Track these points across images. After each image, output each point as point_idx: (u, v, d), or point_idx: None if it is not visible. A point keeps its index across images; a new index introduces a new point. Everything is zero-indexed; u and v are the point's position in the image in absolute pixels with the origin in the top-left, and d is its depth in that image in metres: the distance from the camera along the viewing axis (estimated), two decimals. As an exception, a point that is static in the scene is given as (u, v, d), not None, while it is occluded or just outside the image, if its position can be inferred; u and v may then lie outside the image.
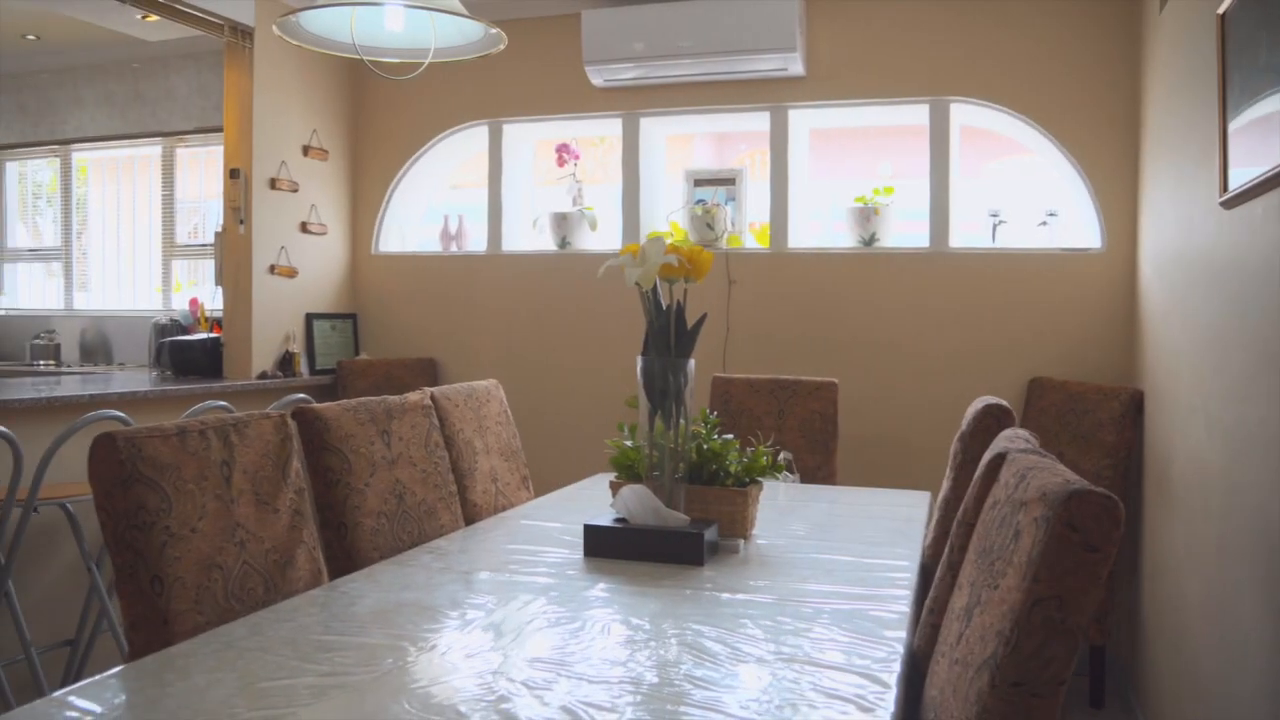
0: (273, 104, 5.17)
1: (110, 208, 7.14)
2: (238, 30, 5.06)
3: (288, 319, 5.27)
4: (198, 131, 6.52)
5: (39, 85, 7.11)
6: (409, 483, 2.74)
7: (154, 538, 1.90)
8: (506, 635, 1.91)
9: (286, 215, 5.26)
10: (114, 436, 1.88)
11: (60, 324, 6.99)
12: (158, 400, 4.30)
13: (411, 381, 5.29)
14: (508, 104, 5.48)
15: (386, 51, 2.66)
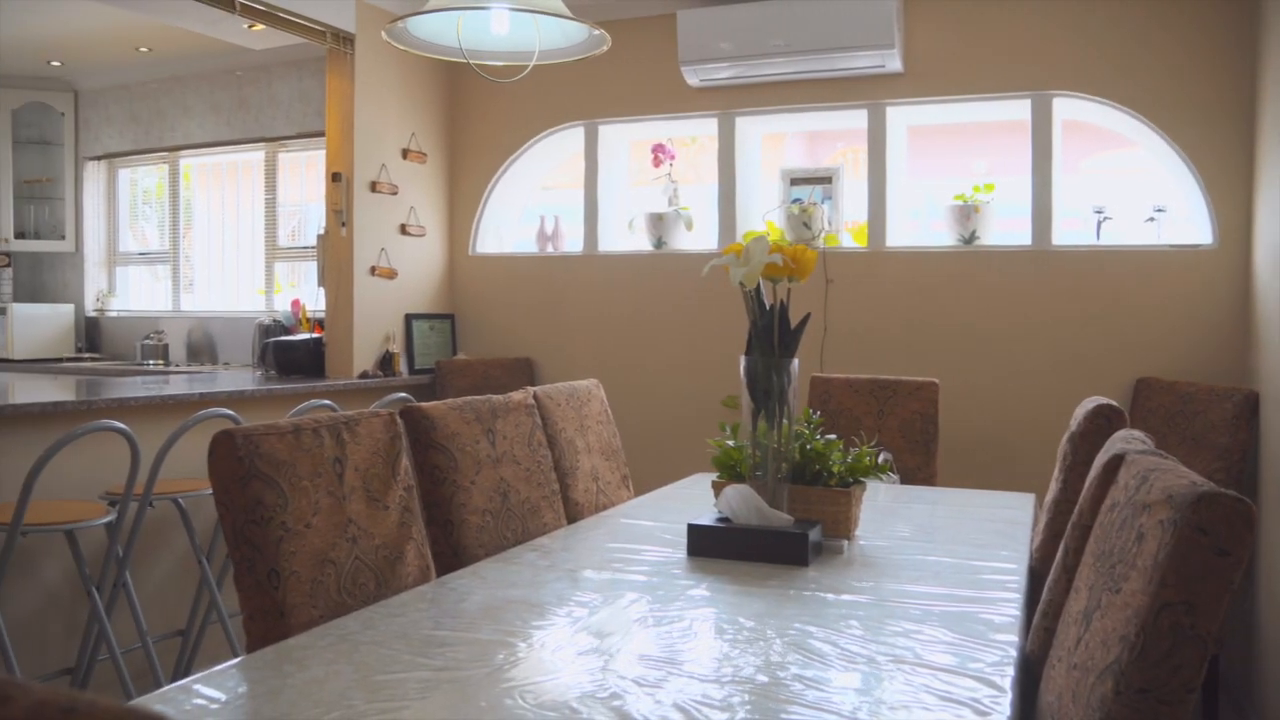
0: (373, 108, 5.26)
1: (215, 212, 7.32)
2: (339, 37, 5.16)
3: (387, 319, 5.36)
4: (299, 136, 6.65)
5: (149, 95, 7.32)
6: (513, 481, 2.77)
7: (271, 533, 1.94)
8: (614, 633, 1.91)
9: (386, 217, 5.35)
10: (232, 434, 1.93)
11: (168, 325, 7.19)
12: (264, 399, 4.40)
13: (508, 381, 5.34)
14: (604, 105, 5.50)
15: (492, 55, 2.69)
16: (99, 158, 7.65)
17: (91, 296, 7.66)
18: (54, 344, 7.32)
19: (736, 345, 4.93)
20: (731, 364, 4.94)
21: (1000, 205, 4.92)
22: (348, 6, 5.14)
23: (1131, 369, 4.52)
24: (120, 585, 3.56)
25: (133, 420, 3.45)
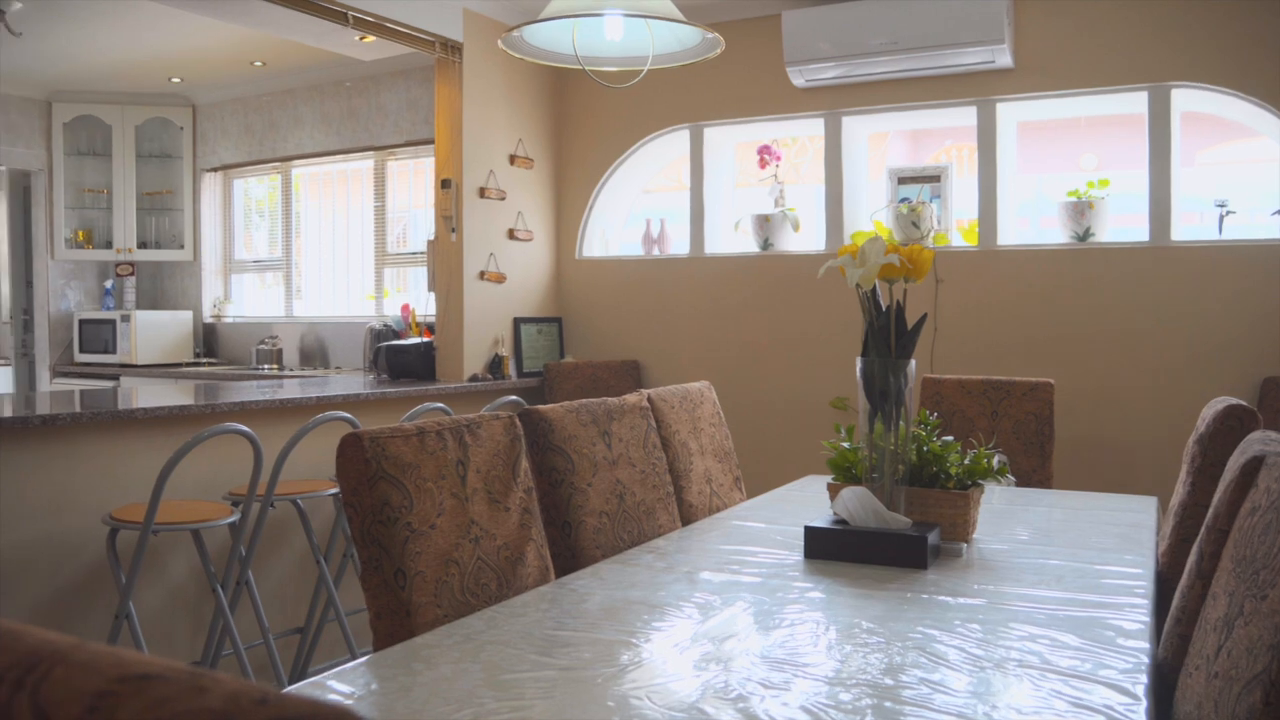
0: (481, 116, 5.33)
1: (326, 219, 7.49)
2: (448, 46, 5.24)
3: (496, 323, 5.43)
4: (407, 144, 6.78)
5: (262, 108, 7.52)
6: (629, 483, 2.79)
7: (397, 533, 1.98)
8: (735, 634, 1.92)
9: (495, 223, 5.42)
10: (360, 437, 1.97)
11: (281, 330, 7.37)
12: (378, 402, 4.49)
13: (616, 384, 5.37)
14: (709, 107, 5.51)
15: (606, 61, 2.72)
16: (215, 169, 7.88)
17: (209, 303, 7.90)
18: (174, 349, 7.57)
19: (844, 346, 4.92)
20: (839, 365, 4.92)
21: (1114, 201, 4.81)
22: (455, 16, 5.22)
23: (1257, 368, 4.38)
24: (243, 583, 3.66)
25: (254, 423, 3.55)
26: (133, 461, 3.66)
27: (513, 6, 5.42)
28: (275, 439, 3.58)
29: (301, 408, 4.10)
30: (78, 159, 7.83)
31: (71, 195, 7.80)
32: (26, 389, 7.97)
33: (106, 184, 7.82)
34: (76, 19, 5.83)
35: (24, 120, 7.62)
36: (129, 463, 3.65)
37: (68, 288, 7.95)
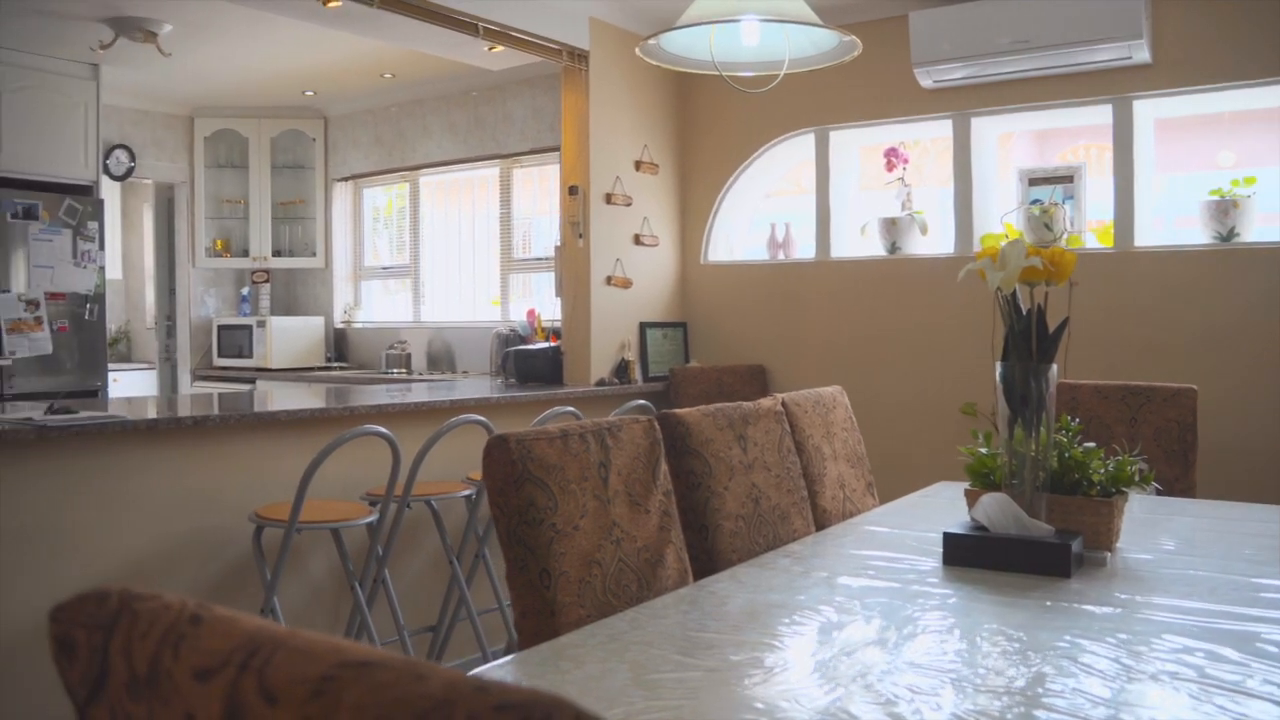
0: (606, 122, 5.39)
1: (451, 226, 7.64)
2: (574, 54, 5.31)
3: (623, 328, 5.48)
4: (532, 152, 6.87)
5: (391, 118, 7.71)
6: (764, 487, 2.79)
7: (542, 534, 2.02)
8: (878, 640, 1.90)
9: (621, 228, 5.47)
10: (506, 439, 2.01)
11: (409, 335, 7.54)
12: (508, 405, 4.57)
13: (741, 388, 5.37)
14: (834, 110, 5.48)
15: (741, 65, 2.73)
16: (345, 179, 8.10)
17: (339, 309, 8.12)
18: (306, 354, 7.80)
19: (973, 351, 4.83)
20: (967, 370, 4.84)
21: (1261, 199, 4.64)
22: (582, 25, 5.29)
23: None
24: (380, 581, 3.75)
25: (390, 425, 3.64)
26: (276, 461, 3.78)
27: (637, 14, 5.47)
28: (410, 441, 3.67)
29: (436, 411, 4.19)
30: (217, 171, 8.13)
31: (211, 206, 8.10)
32: (169, 391, 8.29)
33: (243, 194, 8.10)
34: (219, 39, 6.05)
35: (169, 135, 7.94)
36: (272, 462, 3.78)
37: (207, 295, 8.25)
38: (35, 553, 3.23)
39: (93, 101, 6.66)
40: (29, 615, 3.22)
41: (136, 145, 7.75)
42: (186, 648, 0.75)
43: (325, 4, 4.70)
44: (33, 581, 3.23)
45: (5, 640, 3.18)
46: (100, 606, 0.82)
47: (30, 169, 6.33)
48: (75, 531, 3.32)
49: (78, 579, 3.32)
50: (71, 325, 6.42)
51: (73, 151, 6.56)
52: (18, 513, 3.19)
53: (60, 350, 6.35)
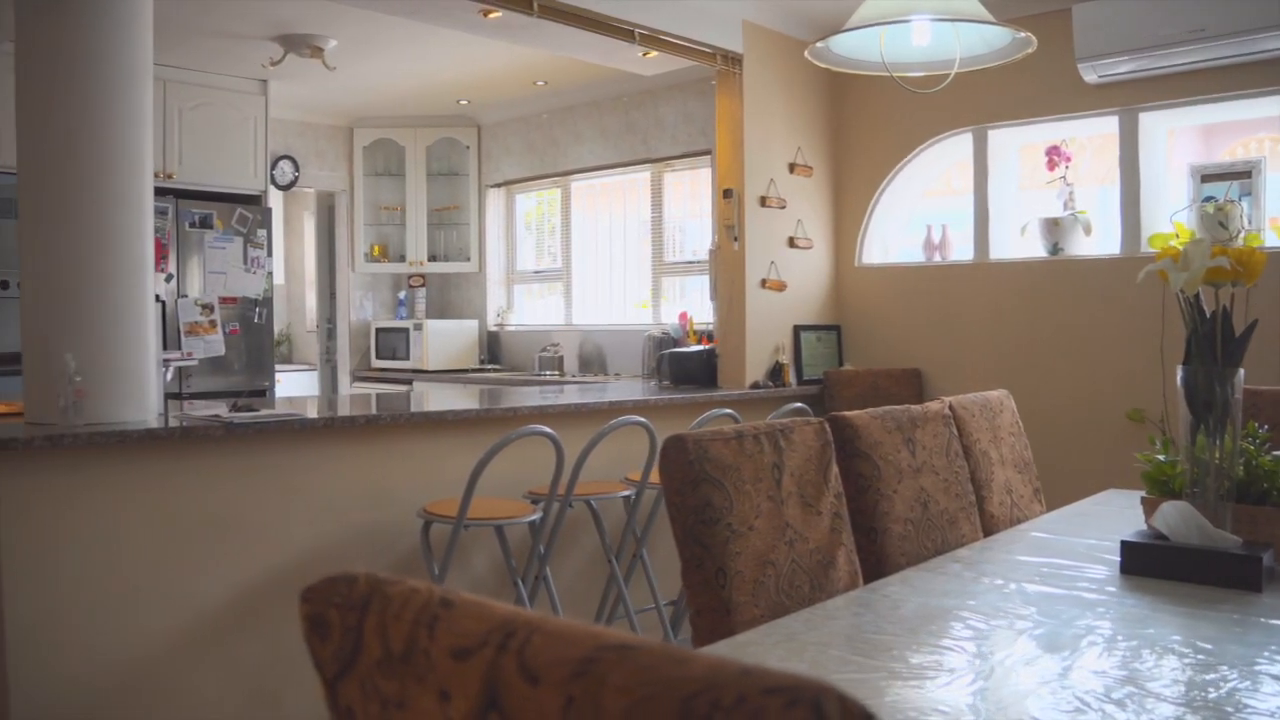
0: (760, 125, 5.39)
1: (603, 231, 7.73)
2: (728, 58, 5.32)
3: (777, 331, 5.47)
4: (684, 156, 6.91)
5: (543, 125, 7.85)
6: (932, 491, 2.76)
7: (718, 533, 2.04)
8: (1061, 648, 1.86)
9: (775, 231, 5.47)
10: (684, 439, 2.04)
11: (561, 337, 7.66)
12: (665, 407, 4.61)
13: (897, 392, 5.31)
14: (993, 109, 5.37)
15: (912, 66, 2.70)
16: (498, 185, 8.27)
17: (493, 312, 8.29)
18: (461, 356, 7.98)
19: (1140, 355, 4.68)
20: (1133, 374, 4.69)
21: None
22: (735, 28, 5.30)
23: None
24: (541, 579, 3.82)
25: (550, 426, 3.70)
26: (442, 460, 3.89)
27: (791, 16, 5.46)
28: (569, 442, 3.72)
29: (595, 412, 4.25)
30: (375, 179, 8.39)
31: (369, 213, 8.36)
32: (329, 391, 8.59)
33: (400, 201, 8.34)
34: (379, 52, 6.24)
35: (330, 146, 8.22)
36: (438, 461, 3.89)
37: (365, 299, 8.52)
38: (221, 540, 3.39)
39: (261, 116, 6.95)
40: (217, 597, 3.38)
41: (300, 156, 8.04)
42: (442, 629, 0.78)
43: (486, 15, 4.81)
44: (220, 567, 3.39)
45: (196, 620, 3.34)
46: (350, 588, 0.86)
47: (205, 181, 6.63)
48: (256, 522, 3.47)
49: (259, 567, 3.47)
50: (242, 328, 6.69)
51: (243, 163, 6.86)
52: (207, 503, 3.35)
53: (231, 351, 6.63)
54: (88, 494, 3.15)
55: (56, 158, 3.29)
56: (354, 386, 8.33)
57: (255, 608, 3.48)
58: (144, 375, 3.41)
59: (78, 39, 3.29)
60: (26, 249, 3.37)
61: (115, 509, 3.20)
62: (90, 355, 3.25)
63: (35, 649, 3.04)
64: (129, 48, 3.37)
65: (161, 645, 3.28)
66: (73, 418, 3.19)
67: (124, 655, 3.21)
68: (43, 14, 3.29)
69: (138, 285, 3.38)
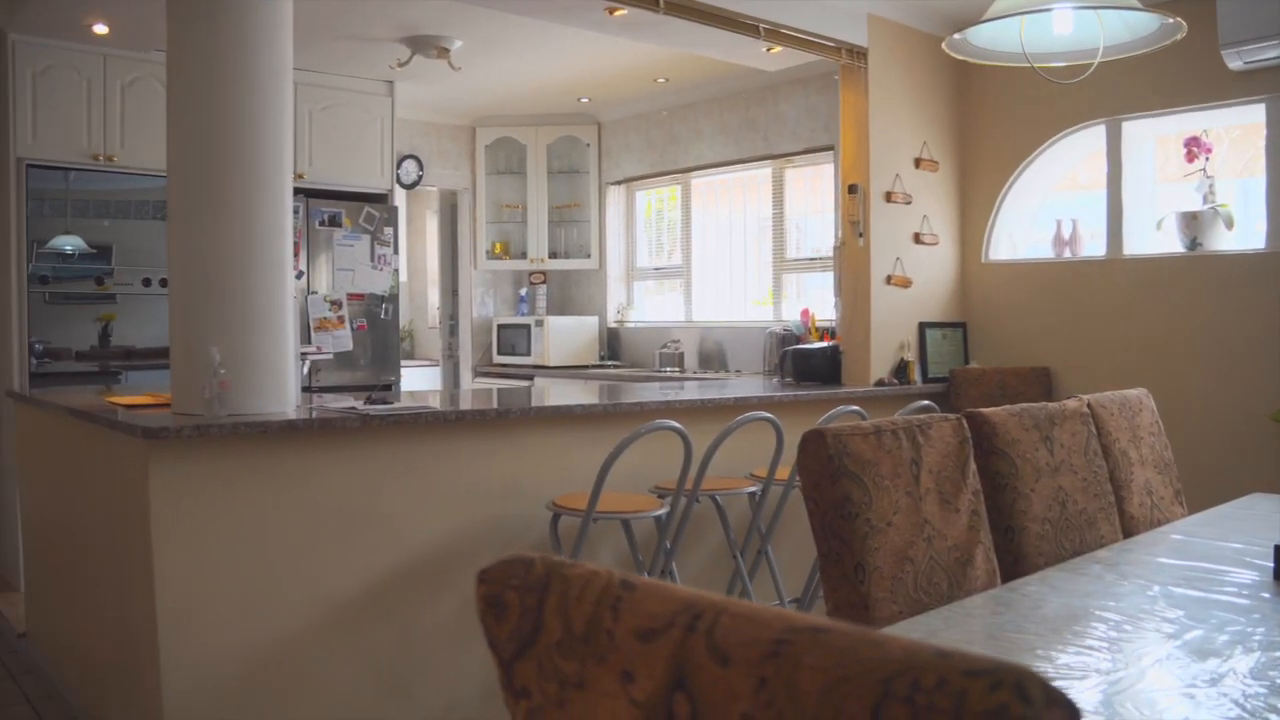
0: (885, 120, 5.33)
1: (723, 228, 7.72)
2: (853, 52, 5.28)
3: (902, 328, 5.40)
4: (805, 152, 6.86)
5: (663, 122, 7.87)
6: (1070, 490, 2.70)
7: (857, 528, 2.02)
8: (1214, 654, 1.81)
9: (900, 227, 5.40)
10: (823, 434, 2.03)
11: (681, 334, 7.68)
12: (791, 404, 4.59)
13: (1025, 391, 5.20)
14: (1127, 99, 5.22)
15: (1053, 56, 2.65)
16: (619, 182, 8.32)
17: (613, 309, 8.34)
18: (581, 352, 8.05)
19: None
20: (1276, 375, 4.52)
21: None
22: (860, 22, 5.25)
23: None
24: (667, 573, 3.84)
25: (676, 421, 3.71)
26: (568, 453, 3.93)
27: (916, 9, 5.39)
28: (695, 437, 3.73)
29: (721, 408, 4.26)
30: (497, 178, 8.51)
31: (491, 211, 8.48)
32: (452, 387, 8.74)
33: (521, 199, 8.44)
34: (502, 51, 6.33)
35: (453, 145, 8.37)
36: (565, 454, 3.93)
37: (487, 295, 8.65)
38: (355, 530, 3.48)
39: (388, 116, 7.10)
40: (351, 586, 3.47)
41: (424, 155, 8.20)
42: (626, 610, 0.79)
43: (611, 13, 4.84)
44: (354, 556, 3.48)
45: (331, 608, 3.43)
46: (528, 571, 0.88)
47: (334, 180, 6.80)
48: (389, 513, 3.55)
49: (391, 557, 3.55)
50: (369, 324, 6.85)
51: (370, 163, 7.01)
52: (342, 493, 3.45)
53: (357, 347, 6.79)
54: (231, 482, 3.26)
55: (204, 159, 3.41)
56: (475, 382, 8.46)
57: (387, 598, 3.56)
58: (284, 368, 3.52)
59: (224, 45, 3.40)
60: (175, 247, 3.50)
61: (256, 496, 3.30)
62: (234, 349, 3.36)
63: (183, 628, 3.16)
64: (271, 52, 3.47)
65: (297, 631, 3.38)
66: (217, 409, 3.31)
67: (263, 638, 3.31)
68: (193, 22, 3.42)
69: (278, 281, 3.49)
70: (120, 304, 6.07)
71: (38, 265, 5.78)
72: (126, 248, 6.10)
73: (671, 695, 0.73)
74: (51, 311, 5.86)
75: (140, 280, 6.14)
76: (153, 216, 6.23)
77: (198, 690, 3.18)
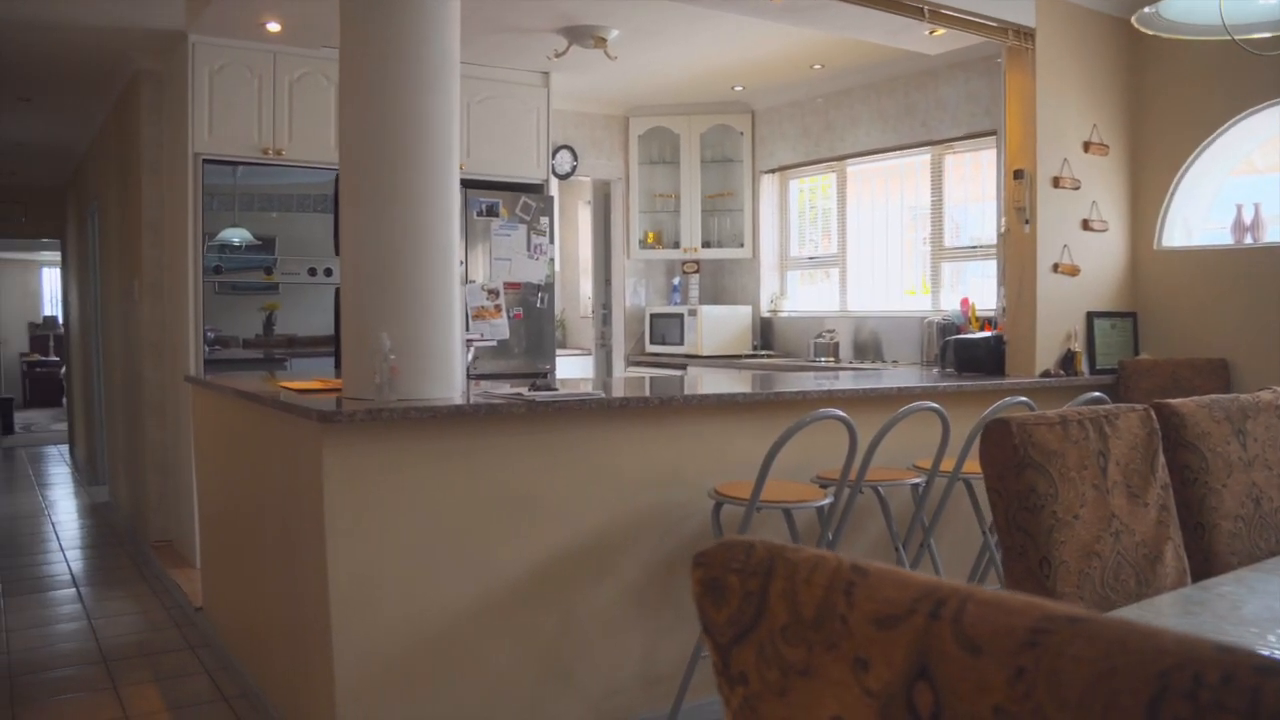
0: (1054, 102, 5.16)
1: (879, 216, 7.59)
2: (1020, 33, 5.12)
3: (1068, 318, 5.23)
4: (966, 137, 6.70)
5: (818, 110, 7.78)
6: (1264, 487, 2.57)
7: (1043, 521, 1.96)
8: None
9: (1068, 213, 5.23)
10: (1008, 423, 1.97)
11: (835, 323, 7.59)
12: (955, 394, 4.49)
13: (1200, 384, 4.98)
14: (1318, 77, 4.95)
15: (1256, 27, 2.51)
16: (772, 171, 8.26)
17: (766, 298, 8.30)
18: (734, 342, 8.03)
19: None
20: None
21: None
22: (1027, 2, 5.10)
23: None
24: (827, 566, 3.79)
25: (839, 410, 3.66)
26: (730, 441, 3.92)
27: (1087, -14, 5.21)
28: (858, 428, 3.67)
29: (884, 398, 4.19)
30: (649, 167, 8.54)
31: (644, 200, 8.52)
32: (604, 375, 8.81)
33: (674, 189, 8.46)
34: (658, 40, 6.34)
35: (607, 135, 8.43)
36: (727, 442, 3.92)
37: (639, 284, 8.69)
38: (518, 515, 3.53)
39: (544, 107, 7.19)
40: (514, 570, 3.53)
41: (578, 145, 8.27)
42: (861, 595, 0.77)
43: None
44: (517, 540, 3.53)
45: (494, 591, 3.49)
46: (749, 554, 0.87)
47: (491, 171, 6.91)
48: (552, 499, 3.59)
49: (553, 542, 3.60)
50: (524, 312, 6.95)
51: (526, 154, 7.11)
52: (506, 478, 3.50)
53: (512, 335, 6.90)
54: (400, 464, 3.34)
55: (376, 151, 3.50)
56: (628, 370, 8.52)
57: (549, 582, 3.60)
58: (451, 355, 3.58)
59: (396, 40, 3.48)
60: (347, 236, 3.60)
61: (424, 479, 3.38)
62: (403, 335, 3.44)
63: (354, 607, 3.25)
64: (440, 47, 3.54)
65: (463, 612, 3.44)
66: (387, 394, 3.39)
67: (430, 619, 3.39)
68: (365, 19, 3.51)
69: (446, 270, 3.56)
70: (282, 294, 6.30)
71: (208, 257, 6.04)
72: (288, 239, 6.33)
73: (912, 685, 0.71)
74: (219, 301, 6.11)
75: (306, 270, 6.36)
76: (313, 209, 6.45)
77: (367, 667, 3.27)
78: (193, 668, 4.58)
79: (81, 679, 4.50)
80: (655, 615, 3.81)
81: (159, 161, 6.67)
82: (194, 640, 4.95)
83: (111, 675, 4.51)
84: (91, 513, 8.62)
